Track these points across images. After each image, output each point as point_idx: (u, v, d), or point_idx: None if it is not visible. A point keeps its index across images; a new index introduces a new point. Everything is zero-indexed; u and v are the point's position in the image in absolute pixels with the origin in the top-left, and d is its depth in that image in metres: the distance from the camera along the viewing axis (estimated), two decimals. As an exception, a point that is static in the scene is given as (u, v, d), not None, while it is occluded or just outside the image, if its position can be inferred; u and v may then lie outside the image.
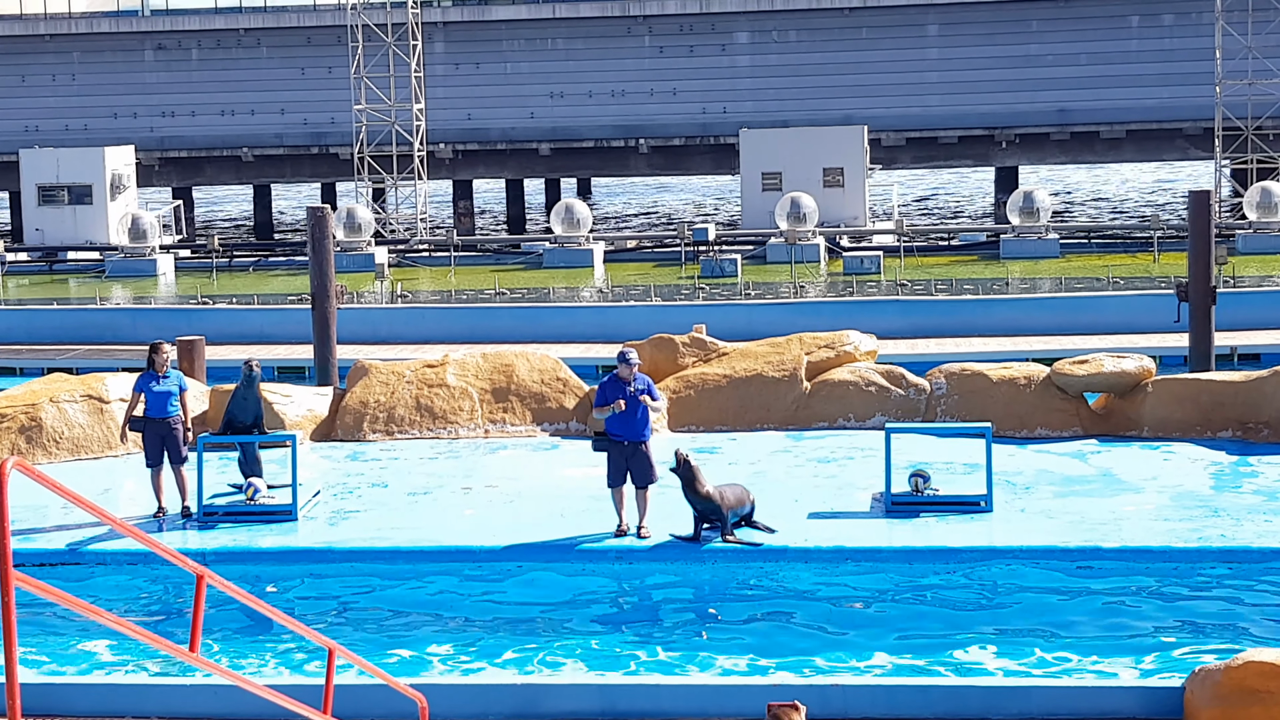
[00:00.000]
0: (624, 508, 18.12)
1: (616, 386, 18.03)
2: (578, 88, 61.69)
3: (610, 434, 18.06)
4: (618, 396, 17.92)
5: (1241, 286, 38.77)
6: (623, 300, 40.10)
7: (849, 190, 52.82)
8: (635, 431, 17.96)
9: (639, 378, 18.14)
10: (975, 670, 14.69)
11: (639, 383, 18.08)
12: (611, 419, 17.99)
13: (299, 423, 23.44)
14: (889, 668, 14.84)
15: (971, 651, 15.19)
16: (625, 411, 17.91)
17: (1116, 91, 59.05)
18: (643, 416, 18.03)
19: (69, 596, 6.31)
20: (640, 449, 17.99)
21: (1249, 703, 12.23)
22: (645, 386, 18.10)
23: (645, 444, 18.04)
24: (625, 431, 17.97)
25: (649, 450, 18.06)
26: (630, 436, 17.94)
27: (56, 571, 17.63)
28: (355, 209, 51.57)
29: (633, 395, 17.95)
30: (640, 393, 17.99)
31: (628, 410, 17.93)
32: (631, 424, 17.96)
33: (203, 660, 7.82)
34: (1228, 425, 22.48)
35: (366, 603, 17.17)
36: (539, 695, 13.37)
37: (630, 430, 17.95)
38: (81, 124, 63.20)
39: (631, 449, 17.95)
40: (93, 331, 38.26)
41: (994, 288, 40.26)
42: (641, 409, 17.99)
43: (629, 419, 17.96)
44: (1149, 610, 16.29)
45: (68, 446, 22.85)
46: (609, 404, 17.90)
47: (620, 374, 18.05)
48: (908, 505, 18.89)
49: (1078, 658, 14.95)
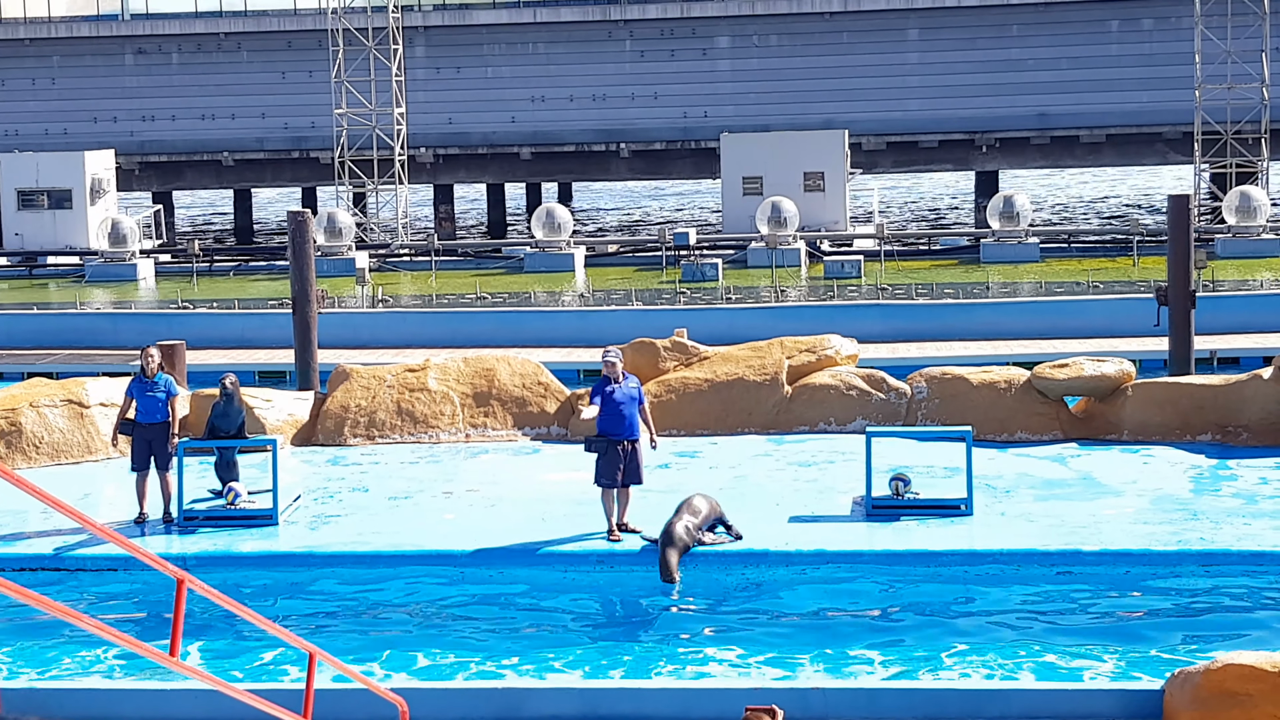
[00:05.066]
0: (613, 510, 18.14)
1: (605, 385, 18.09)
2: (559, 92, 61.66)
3: (605, 433, 18.08)
4: (607, 394, 17.95)
5: (1221, 290, 38.87)
6: (604, 305, 40.10)
7: (829, 194, 52.86)
8: (631, 430, 18.02)
9: (630, 377, 18.27)
10: (956, 673, 14.71)
11: (630, 381, 18.19)
12: (606, 418, 18.01)
13: (280, 427, 23.41)
14: (869, 671, 14.86)
15: (952, 655, 15.21)
16: (619, 410, 17.96)
17: (1096, 96, 59.16)
18: (633, 416, 18.08)
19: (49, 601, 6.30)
20: (636, 447, 18.05)
21: (1228, 705, 12.27)
22: (636, 385, 18.22)
23: (638, 442, 18.09)
24: (621, 430, 18.01)
25: (640, 450, 18.11)
26: (626, 434, 18.00)
27: (37, 576, 17.60)
28: (336, 213, 51.51)
29: (624, 393, 18.02)
30: (632, 393, 18.07)
31: (622, 408, 17.98)
32: (628, 422, 18.02)
33: (183, 665, 7.82)
34: (1207, 428, 22.54)
35: (347, 607, 17.16)
36: (520, 699, 13.37)
37: (626, 428, 18.01)
38: (61, 128, 63.04)
39: (630, 447, 18.01)
40: (72, 336, 38.14)
41: (974, 292, 40.31)
42: (632, 407, 18.05)
43: (624, 417, 18.00)
44: (1129, 613, 16.34)
45: (48, 451, 22.81)
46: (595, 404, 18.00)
47: (605, 371, 18.17)
48: (888, 509, 18.92)
49: (1058, 660, 14.98)
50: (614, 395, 18.05)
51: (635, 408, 18.10)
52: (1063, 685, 13.92)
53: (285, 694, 11.46)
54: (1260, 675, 12.27)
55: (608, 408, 18.04)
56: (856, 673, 14.80)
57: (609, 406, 18.04)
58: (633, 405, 18.08)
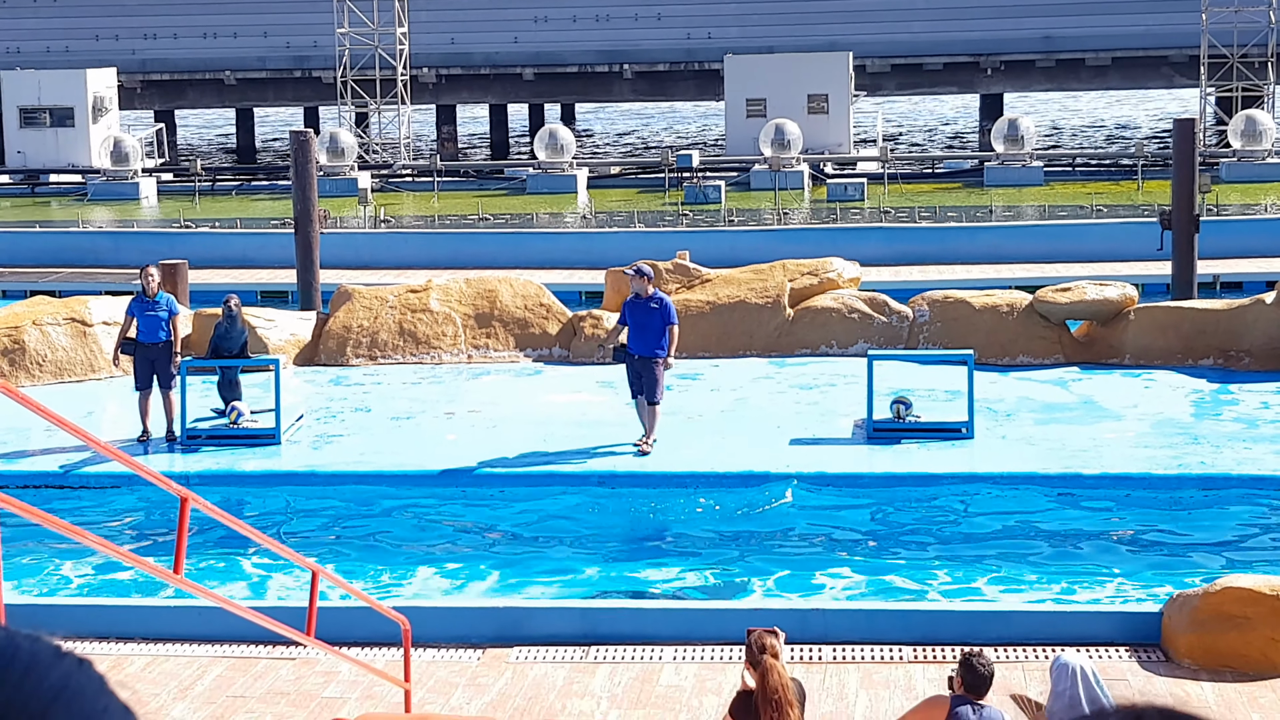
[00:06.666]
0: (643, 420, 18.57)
1: (631, 303, 18.58)
2: (562, 12, 61.29)
3: (624, 347, 18.59)
4: (630, 313, 18.48)
5: (1225, 215, 38.76)
6: (606, 226, 40.02)
7: (833, 117, 52.65)
8: (643, 347, 18.34)
9: (656, 295, 18.54)
10: (954, 594, 14.80)
11: (654, 300, 18.47)
12: (628, 332, 18.53)
13: (282, 347, 23.43)
14: (868, 592, 14.94)
15: (951, 576, 15.29)
16: (638, 326, 18.37)
17: (1102, 19, 58.81)
18: (654, 333, 18.33)
19: (52, 517, 6.33)
20: (650, 364, 18.29)
21: (1226, 628, 12.34)
22: (660, 305, 18.48)
23: (655, 360, 18.31)
24: (635, 346, 18.41)
25: (657, 367, 18.31)
26: (638, 351, 18.36)
27: (40, 494, 17.66)
28: (338, 134, 51.34)
29: (642, 311, 18.37)
30: (651, 311, 18.34)
31: (641, 325, 18.34)
32: (642, 339, 18.36)
33: (186, 582, 7.86)
34: (1209, 353, 22.55)
35: (350, 526, 17.23)
36: (521, 618, 13.45)
37: (638, 345, 18.37)
38: (63, 46, 62.73)
39: (642, 363, 18.31)
40: (75, 255, 38.09)
41: (977, 215, 40.20)
42: (654, 325, 18.32)
43: (640, 334, 18.38)
44: (1128, 537, 16.41)
45: (51, 369, 22.83)
46: (624, 324, 18.62)
47: (633, 285, 18.63)
48: (889, 432, 18.96)
49: (1057, 583, 15.06)
50: (633, 311, 18.54)
51: (652, 325, 18.32)
52: (1061, 607, 13.99)
53: (288, 611, 11.52)
54: (1258, 598, 12.34)
55: (627, 322, 18.58)
56: (855, 594, 14.88)
57: (627, 321, 18.58)
58: (649, 323, 18.31)
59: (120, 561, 7.10)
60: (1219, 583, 12.69)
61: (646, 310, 18.40)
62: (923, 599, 14.66)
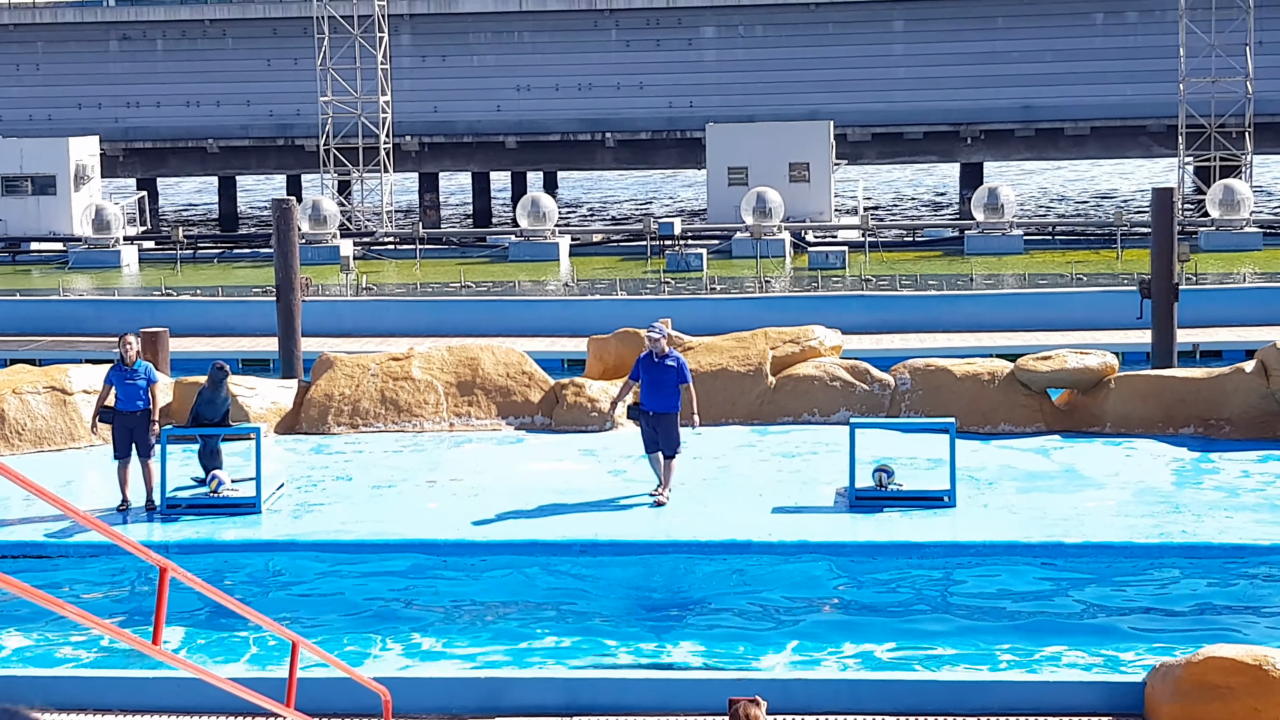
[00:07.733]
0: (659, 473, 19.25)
1: (647, 361, 19.16)
2: (544, 81, 61.62)
3: (640, 405, 19.21)
4: (646, 370, 19.05)
5: (1204, 284, 38.93)
6: (588, 294, 40.10)
7: (814, 185, 52.88)
8: (660, 404, 19.01)
9: (671, 354, 19.16)
10: (937, 664, 14.74)
11: (670, 359, 19.08)
12: (641, 390, 19.18)
13: (263, 415, 23.39)
14: (852, 663, 14.88)
15: (934, 647, 15.24)
16: (654, 383, 19.01)
17: (1081, 89, 59.25)
18: (670, 390, 18.98)
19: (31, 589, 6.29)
20: (667, 419, 18.96)
21: (1209, 698, 12.31)
22: (676, 364, 19.09)
23: (672, 415, 18.98)
24: (651, 403, 19.03)
25: (673, 422, 18.95)
26: (655, 408, 19.03)
27: (18, 564, 17.57)
28: (320, 201, 51.44)
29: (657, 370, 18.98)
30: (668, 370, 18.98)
31: (658, 382, 18.99)
32: (659, 396, 19.01)
33: (165, 653, 7.81)
34: (1189, 422, 22.58)
35: (330, 596, 17.14)
36: (503, 689, 13.38)
37: (655, 402, 19.03)
38: (45, 114, 62.89)
39: (658, 419, 18.99)
40: (56, 323, 38.09)
41: (958, 283, 40.36)
42: (669, 382, 18.96)
43: (657, 391, 19.02)
44: (1111, 606, 16.37)
45: (30, 438, 22.76)
46: (637, 379, 19.19)
47: (650, 344, 19.25)
48: (871, 500, 18.95)
49: (1040, 653, 15.01)
50: (648, 369, 19.11)
51: (668, 383, 18.96)
52: (1044, 677, 13.95)
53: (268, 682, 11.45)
54: (1241, 668, 12.31)
55: (641, 381, 19.18)
56: (838, 664, 14.82)
57: (642, 380, 19.17)
58: (665, 380, 18.95)
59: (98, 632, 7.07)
60: (1202, 652, 12.66)
61: (663, 368, 19.06)
62: (906, 669, 14.60)
